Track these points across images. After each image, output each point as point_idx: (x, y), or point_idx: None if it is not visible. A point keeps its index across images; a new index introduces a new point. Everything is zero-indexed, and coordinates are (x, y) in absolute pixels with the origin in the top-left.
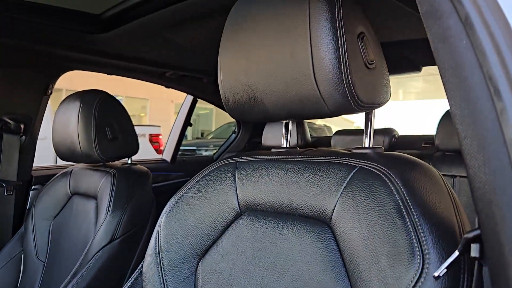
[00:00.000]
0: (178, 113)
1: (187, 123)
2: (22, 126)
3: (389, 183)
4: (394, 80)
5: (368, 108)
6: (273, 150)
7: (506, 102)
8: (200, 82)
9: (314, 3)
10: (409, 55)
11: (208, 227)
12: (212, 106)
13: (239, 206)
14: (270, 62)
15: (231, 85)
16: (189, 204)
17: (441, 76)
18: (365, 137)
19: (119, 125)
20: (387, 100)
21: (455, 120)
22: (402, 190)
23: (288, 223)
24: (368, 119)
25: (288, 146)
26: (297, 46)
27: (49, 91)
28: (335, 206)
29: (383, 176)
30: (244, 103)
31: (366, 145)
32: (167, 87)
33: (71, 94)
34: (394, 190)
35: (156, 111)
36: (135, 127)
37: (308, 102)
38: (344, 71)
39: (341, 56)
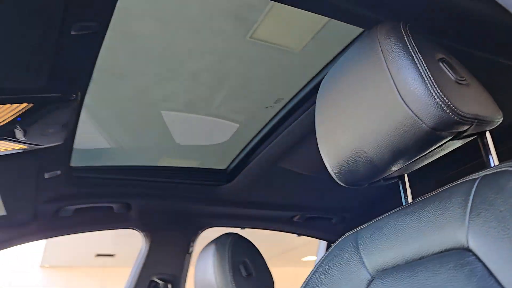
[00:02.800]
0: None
1: None
2: (170, 286)
3: None
4: None
5: (473, 120)
6: None
7: None
8: (329, 224)
9: (383, 39)
10: None
11: None
12: None
13: (368, 272)
14: (363, 117)
15: (335, 153)
16: (317, 286)
17: None
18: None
19: (253, 262)
20: (499, 118)
21: None
22: None
23: (423, 267)
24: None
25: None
26: (381, 83)
27: (190, 249)
28: (468, 228)
29: None
30: (349, 164)
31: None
32: (298, 234)
33: (208, 243)
34: None
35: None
36: None
37: (405, 128)
38: (430, 85)
39: (422, 73)
